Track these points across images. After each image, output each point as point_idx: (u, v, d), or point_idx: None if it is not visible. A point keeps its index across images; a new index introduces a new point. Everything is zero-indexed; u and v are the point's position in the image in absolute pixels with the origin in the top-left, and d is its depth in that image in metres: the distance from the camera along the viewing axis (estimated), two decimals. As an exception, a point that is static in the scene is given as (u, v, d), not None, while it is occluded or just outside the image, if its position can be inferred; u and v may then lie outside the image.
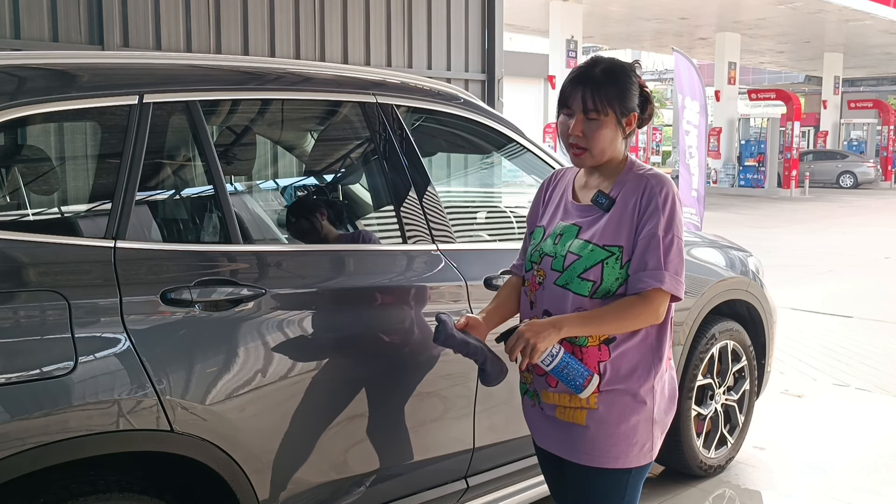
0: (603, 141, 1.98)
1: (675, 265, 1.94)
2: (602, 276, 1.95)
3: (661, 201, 1.94)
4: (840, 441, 4.34)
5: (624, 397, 1.97)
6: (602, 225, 1.98)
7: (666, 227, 1.93)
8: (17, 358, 1.77)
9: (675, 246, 1.94)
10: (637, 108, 2.01)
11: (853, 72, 35.48)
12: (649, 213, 1.94)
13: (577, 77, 2.00)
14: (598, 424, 1.97)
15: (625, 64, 2.03)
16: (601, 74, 1.97)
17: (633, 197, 1.97)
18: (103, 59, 2.48)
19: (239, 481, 2.09)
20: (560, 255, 2.01)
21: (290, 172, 3.41)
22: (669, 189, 1.96)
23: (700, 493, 3.66)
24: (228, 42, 6.42)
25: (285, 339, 2.22)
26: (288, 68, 2.63)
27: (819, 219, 17.10)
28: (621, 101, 1.97)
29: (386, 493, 2.50)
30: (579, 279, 1.96)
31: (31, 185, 2.29)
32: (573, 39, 19.14)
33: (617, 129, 1.99)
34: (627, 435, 1.97)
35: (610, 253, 1.95)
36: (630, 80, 2.00)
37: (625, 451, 1.98)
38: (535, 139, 3.09)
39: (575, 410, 1.99)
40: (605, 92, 1.95)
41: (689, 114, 9.21)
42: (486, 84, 8.21)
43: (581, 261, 1.97)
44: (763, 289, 3.92)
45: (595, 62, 2.02)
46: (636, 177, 2.00)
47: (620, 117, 1.98)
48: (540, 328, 1.90)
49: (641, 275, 1.93)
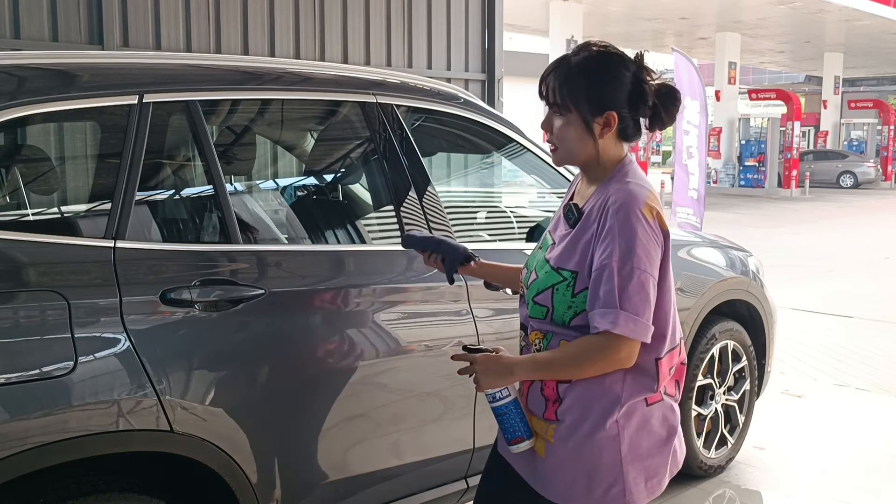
0: (567, 141, 1.77)
1: (634, 303, 1.63)
2: (552, 303, 1.74)
3: (619, 224, 1.65)
4: (840, 441, 4.33)
5: (583, 431, 1.73)
6: (564, 244, 1.77)
7: (622, 257, 1.64)
8: (17, 358, 1.77)
9: (637, 279, 1.63)
10: (624, 107, 1.73)
11: (853, 72, 35.47)
12: (603, 238, 1.67)
13: (552, 63, 1.80)
14: (556, 459, 1.76)
15: (615, 53, 1.76)
16: (576, 64, 1.74)
17: (596, 218, 1.71)
18: (103, 59, 2.48)
19: (239, 481, 2.09)
20: (529, 270, 1.85)
21: (290, 172, 3.41)
22: (631, 210, 1.66)
23: (700, 493, 3.66)
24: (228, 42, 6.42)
25: (285, 339, 2.22)
26: (288, 68, 2.63)
27: (819, 219, 17.10)
28: (591, 98, 1.72)
29: (386, 493, 2.50)
30: (533, 302, 1.78)
31: (31, 185, 2.29)
32: (573, 39, 19.12)
33: (584, 130, 1.74)
34: (588, 474, 1.73)
35: (562, 278, 1.73)
36: (613, 74, 1.73)
37: (586, 492, 1.74)
38: (535, 139, 3.09)
39: (537, 437, 1.80)
40: (571, 85, 1.73)
41: (689, 114, 9.21)
42: (486, 84, 8.21)
43: (537, 282, 1.78)
44: (763, 289, 3.92)
45: (579, 49, 1.78)
46: (607, 192, 1.73)
47: (588, 116, 1.73)
48: (491, 367, 1.75)
49: (595, 313, 1.66)
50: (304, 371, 2.25)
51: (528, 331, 1.85)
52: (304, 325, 2.26)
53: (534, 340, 1.82)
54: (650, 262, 1.67)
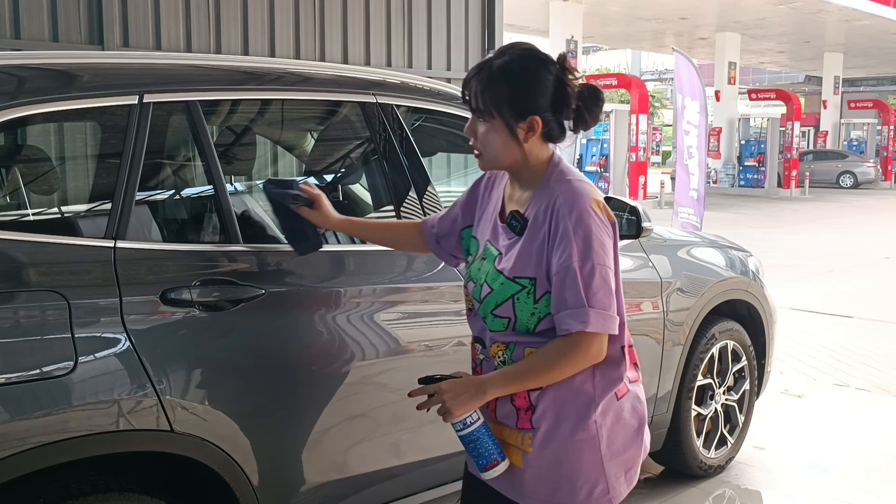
0: (492, 147, 1.74)
1: (600, 298, 1.65)
2: (514, 313, 1.72)
3: (573, 224, 1.66)
4: (840, 441, 4.33)
5: (559, 435, 1.72)
6: (515, 252, 1.73)
7: (582, 256, 1.65)
8: (17, 358, 1.77)
9: (598, 275, 1.66)
10: (548, 110, 1.71)
11: (853, 72, 35.48)
12: (559, 242, 1.66)
13: (474, 67, 1.75)
14: (536, 469, 1.74)
15: (536, 55, 1.72)
16: (497, 69, 1.70)
17: (544, 221, 1.70)
18: (103, 59, 2.48)
19: (239, 481, 2.09)
20: (479, 284, 1.80)
21: (290, 172, 3.41)
22: (581, 207, 1.67)
23: (700, 493, 3.66)
24: (228, 42, 6.43)
25: (285, 339, 2.22)
26: (288, 68, 2.63)
27: (819, 219, 17.10)
28: (513, 103, 1.69)
29: (386, 493, 2.50)
30: (492, 315, 1.75)
31: (31, 185, 2.29)
32: (573, 39, 19.12)
33: (508, 136, 1.72)
34: (571, 478, 1.73)
35: (521, 286, 1.71)
36: (535, 77, 1.70)
37: (570, 496, 1.73)
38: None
39: (513, 448, 1.77)
40: (493, 91, 1.69)
41: (689, 114, 9.22)
42: (486, 84, 8.19)
43: (493, 295, 1.74)
44: (763, 289, 3.92)
45: (501, 52, 1.73)
46: (549, 193, 1.72)
47: (512, 121, 1.71)
48: (461, 392, 1.70)
49: (563, 315, 1.66)
50: (305, 371, 2.25)
51: (485, 344, 1.82)
52: (304, 325, 2.26)
53: (496, 353, 1.79)
54: (607, 255, 1.69)
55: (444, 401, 1.71)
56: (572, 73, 1.73)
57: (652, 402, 3.34)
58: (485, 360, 1.83)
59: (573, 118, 1.75)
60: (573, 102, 1.72)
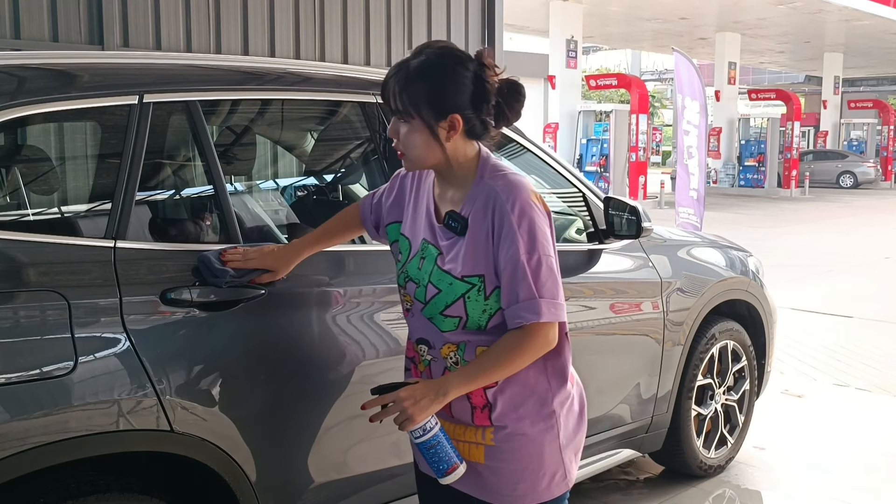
0: (414, 147, 1.73)
1: (549, 288, 1.69)
2: (466, 312, 1.73)
3: (516, 219, 1.67)
4: (840, 441, 4.34)
5: (523, 429, 1.75)
6: (460, 252, 1.73)
7: (528, 249, 1.67)
8: (17, 358, 1.77)
9: (545, 266, 1.69)
10: (468, 108, 1.70)
11: (853, 72, 35.48)
12: (504, 237, 1.68)
13: (392, 68, 1.74)
14: (499, 462, 1.77)
15: (453, 54, 1.71)
16: (414, 69, 1.69)
17: (485, 217, 1.71)
18: (103, 59, 2.48)
19: (239, 481, 2.09)
20: (422, 285, 1.78)
21: (290, 172, 3.41)
22: (523, 200, 1.69)
23: (700, 494, 3.66)
24: (228, 42, 6.43)
25: (285, 339, 2.22)
26: (288, 68, 2.63)
27: (819, 219, 17.10)
28: (432, 103, 1.68)
29: (386, 493, 2.50)
30: (442, 316, 1.75)
31: (31, 185, 2.29)
32: (573, 39, 19.13)
33: (429, 136, 1.71)
34: (533, 469, 1.76)
35: (471, 285, 1.72)
36: (453, 76, 1.69)
37: (533, 487, 1.77)
38: (535, 139, 3.09)
39: (471, 446, 1.78)
40: (411, 91, 1.68)
41: (689, 114, 9.22)
42: (486, 84, 8.19)
43: (441, 296, 1.74)
44: (763, 289, 3.93)
45: (418, 51, 1.72)
46: (486, 190, 1.72)
47: (432, 121, 1.69)
48: (421, 397, 1.68)
49: (515, 308, 1.69)
50: (304, 371, 2.25)
51: (432, 345, 1.81)
52: (304, 325, 2.26)
53: (447, 354, 1.80)
54: (550, 245, 1.72)
55: (404, 408, 1.69)
56: (491, 69, 1.72)
57: (652, 402, 3.34)
58: (433, 360, 1.83)
59: (493, 114, 1.74)
60: (493, 99, 1.72)
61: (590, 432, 3.11)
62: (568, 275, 2.97)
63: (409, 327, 1.89)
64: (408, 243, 1.86)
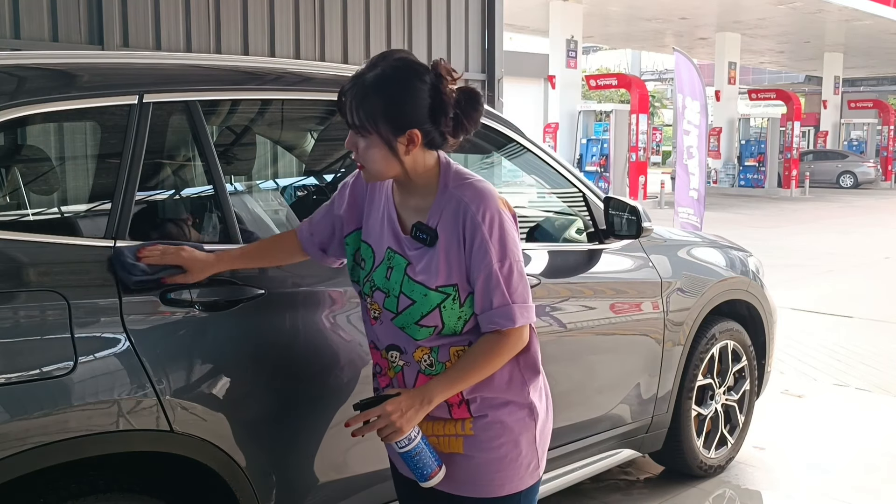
0: (373, 161, 1.72)
1: (520, 293, 1.73)
2: (442, 320, 1.74)
3: (487, 229, 1.70)
4: (840, 441, 4.34)
5: (501, 418, 1.79)
6: (431, 263, 1.74)
7: (500, 256, 1.70)
8: (17, 358, 1.77)
9: (515, 271, 1.73)
10: (426, 122, 1.68)
11: (853, 72, 35.48)
12: (477, 248, 1.70)
13: (349, 81, 1.71)
14: (478, 452, 1.79)
15: (408, 66, 1.69)
16: (370, 84, 1.67)
17: (456, 227, 1.72)
18: (103, 59, 2.48)
19: (239, 481, 2.09)
20: (393, 295, 1.78)
21: (290, 172, 3.41)
22: (493, 209, 1.71)
23: (700, 494, 3.66)
24: (228, 42, 6.43)
25: (285, 339, 2.22)
26: (288, 68, 2.63)
27: (819, 219, 17.10)
28: (389, 118, 1.66)
29: (386, 493, 2.49)
30: (416, 325, 1.76)
31: (31, 185, 2.29)
32: (573, 39, 19.13)
33: (388, 151, 1.69)
34: (512, 458, 1.80)
35: (445, 295, 1.73)
36: (409, 90, 1.66)
37: (510, 476, 1.80)
38: (535, 139, 3.09)
39: (450, 438, 1.81)
40: (367, 107, 1.66)
41: (689, 114, 9.22)
42: (486, 84, 8.22)
43: (416, 307, 1.74)
44: (763, 289, 3.93)
45: (374, 63, 1.70)
46: (454, 200, 1.73)
47: (391, 137, 1.68)
48: (407, 407, 1.71)
49: (490, 314, 1.72)
50: (304, 371, 2.25)
51: (404, 350, 1.82)
52: (304, 325, 2.26)
53: (420, 357, 1.81)
54: (518, 248, 1.75)
55: (392, 421, 1.71)
56: (449, 77, 1.70)
57: (652, 402, 3.34)
58: (406, 365, 1.84)
59: (451, 126, 1.72)
60: (451, 111, 1.70)
61: (590, 432, 3.13)
62: (568, 275, 2.98)
63: (375, 334, 1.87)
64: (370, 251, 1.85)
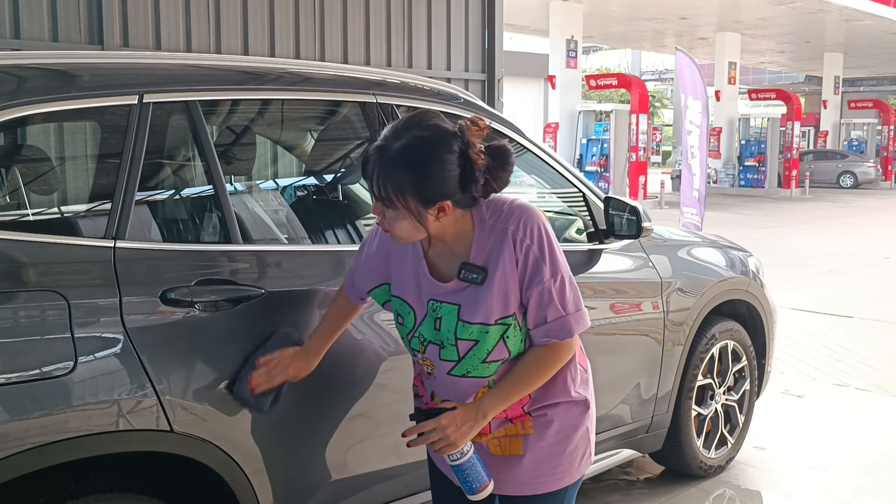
0: (402, 230, 1.68)
1: (573, 301, 1.75)
2: (508, 349, 1.75)
3: (537, 247, 1.70)
4: (840, 441, 4.33)
5: (559, 412, 1.82)
6: (486, 301, 1.72)
7: (552, 272, 1.71)
8: (17, 358, 1.77)
9: (567, 283, 1.74)
10: (456, 193, 1.64)
11: (853, 72, 35.46)
12: (531, 267, 1.70)
13: (374, 150, 1.64)
14: (538, 450, 1.82)
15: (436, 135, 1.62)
16: (397, 156, 1.60)
17: (507, 258, 1.70)
18: (103, 59, 2.47)
19: (239, 481, 2.09)
20: (449, 344, 1.76)
21: (290, 172, 3.41)
22: (538, 226, 1.71)
23: (700, 493, 3.66)
24: (228, 42, 6.43)
25: (285, 340, 2.21)
26: (288, 68, 2.63)
27: (819, 219, 17.10)
28: (418, 192, 1.61)
29: (386, 493, 2.50)
30: (484, 364, 1.76)
31: (31, 185, 2.29)
32: (573, 39, 19.12)
33: (416, 222, 1.65)
34: (570, 452, 1.84)
35: (506, 325, 1.73)
36: (438, 163, 1.60)
37: (568, 469, 1.84)
38: (535, 139, 3.09)
39: (511, 440, 1.82)
40: (394, 179, 1.60)
41: (691, 113, 9.23)
42: (486, 84, 8.21)
43: (480, 346, 1.74)
44: (763, 289, 3.92)
45: (398, 132, 1.62)
46: (497, 233, 1.71)
47: (420, 210, 1.64)
48: (462, 422, 1.71)
49: (545, 329, 1.73)
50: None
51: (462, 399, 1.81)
52: (304, 325, 2.26)
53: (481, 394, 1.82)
54: (563, 257, 1.77)
55: (447, 435, 1.72)
56: (477, 139, 1.64)
57: (652, 402, 3.34)
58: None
59: (482, 190, 1.68)
60: (481, 178, 1.65)
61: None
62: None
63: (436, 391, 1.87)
64: (407, 307, 1.84)
